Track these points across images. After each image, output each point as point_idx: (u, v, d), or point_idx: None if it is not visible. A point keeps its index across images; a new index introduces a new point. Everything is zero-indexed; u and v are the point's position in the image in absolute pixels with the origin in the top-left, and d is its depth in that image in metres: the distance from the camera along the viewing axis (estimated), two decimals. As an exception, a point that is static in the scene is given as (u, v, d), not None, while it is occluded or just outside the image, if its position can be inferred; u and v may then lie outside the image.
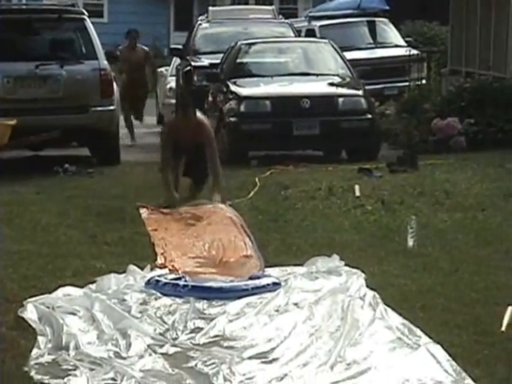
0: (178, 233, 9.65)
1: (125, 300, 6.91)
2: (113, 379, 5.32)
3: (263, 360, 5.61)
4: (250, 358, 5.71)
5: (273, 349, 5.83)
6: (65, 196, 11.97)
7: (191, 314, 6.57)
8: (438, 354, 5.39)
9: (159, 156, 11.65)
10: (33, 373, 5.44)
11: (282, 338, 5.98)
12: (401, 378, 5.24)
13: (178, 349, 5.96)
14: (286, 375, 5.26)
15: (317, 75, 15.51)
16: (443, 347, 5.39)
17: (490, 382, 5.12)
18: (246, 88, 14.94)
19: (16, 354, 5.83)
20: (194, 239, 9.29)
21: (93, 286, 7.47)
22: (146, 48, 19.53)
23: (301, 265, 8.01)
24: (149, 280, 7.40)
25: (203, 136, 10.44)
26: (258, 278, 7.44)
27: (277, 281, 7.30)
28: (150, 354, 5.77)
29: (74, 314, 6.55)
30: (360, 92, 15.02)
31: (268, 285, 7.16)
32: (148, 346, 5.90)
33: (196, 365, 5.45)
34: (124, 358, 5.78)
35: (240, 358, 5.61)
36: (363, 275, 7.44)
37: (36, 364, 5.62)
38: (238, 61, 16.15)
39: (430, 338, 5.68)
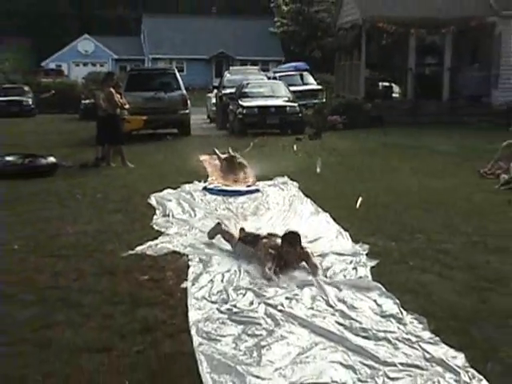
0: (218, 166, 15.13)
1: (192, 195, 11.79)
2: (188, 229, 9.58)
3: (254, 218, 10.33)
4: (249, 215, 10.49)
5: (261, 215, 10.55)
6: (169, 148, 19.85)
7: (221, 202, 11.41)
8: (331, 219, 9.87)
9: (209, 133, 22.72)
10: (154, 225, 9.86)
11: (263, 211, 10.88)
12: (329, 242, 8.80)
13: (218, 214, 10.49)
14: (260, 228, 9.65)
15: (277, 97, 26.35)
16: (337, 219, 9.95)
17: (359, 225, 9.45)
18: (246, 102, 25.15)
19: (146, 218, 10.27)
20: (227, 169, 14.60)
21: (179, 189, 12.27)
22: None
23: (271, 179, 13.42)
24: (204, 187, 12.47)
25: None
26: (250, 187, 12.65)
27: (260, 188, 12.50)
28: (206, 217, 10.28)
29: (171, 201, 11.27)
30: (296, 104, 25.62)
31: (256, 190, 12.38)
32: (204, 214, 10.55)
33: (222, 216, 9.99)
34: (193, 218, 10.32)
35: (243, 216, 10.36)
36: (297, 184, 12.65)
37: (155, 222, 9.98)
38: (242, 90, 26.82)
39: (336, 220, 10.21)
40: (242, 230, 8.81)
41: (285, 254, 7.66)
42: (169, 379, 5.11)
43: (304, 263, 7.74)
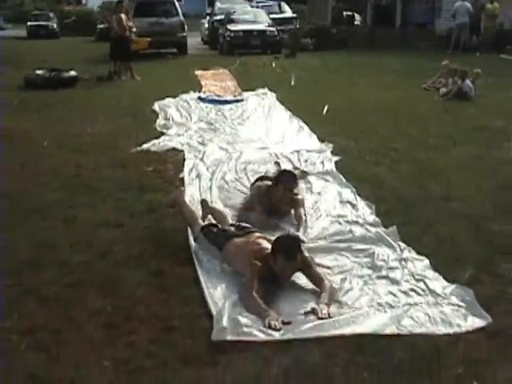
0: (210, 79, 14.81)
1: (188, 103, 11.60)
2: (185, 130, 9.48)
3: (240, 121, 10.27)
4: (233, 119, 10.29)
5: (246, 118, 10.49)
6: (169, 64, 19.30)
7: (213, 109, 11.24)
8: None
9: (203, 53, 21.70)
10: (157, 127, 9.75)
11: (247, 116, 10.74)
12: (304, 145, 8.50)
13: (210, 118, 10.38)
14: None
15: (259, 22, 25.31)
16: (308, 123, 9.81)
17: (325, 128, 9.45)
18: (233, 27, 24.53)
19: (150, 121, 10.18)
20: (218, 82, 14.46)
21: (178, 98, 12.12)
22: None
23: (253, 90, 13.26)
24: (199, 96, 12.24)
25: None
26: (236, 96, 12.45)
27: (243, 98, 12.23)
28: (200, 121, 10.19)
29: (171, 107, 11.16)
30: (274, 29, 24.81)
31: (241, 100, 12.16)
32: (198, 118, 10.42)
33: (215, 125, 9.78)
34: (189, 122, 10.21)
35: (231, 120, 10.21)
36: (275, 95, 12.54)
37: (158, 125, 9.86)
38: (230, 17, 26.08)
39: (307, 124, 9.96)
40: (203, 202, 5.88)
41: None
42: (169, 248, 5.20)
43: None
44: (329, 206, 6.20)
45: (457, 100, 12.33)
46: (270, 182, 5.95)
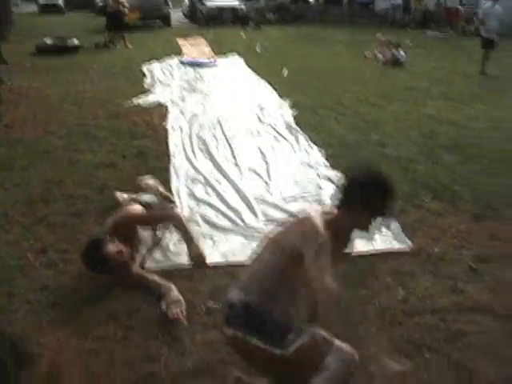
0: (189, 46, 14.31)
1: (171, 65, 11.23)
2: (169, 78, 9.55)
3: (214, 81, 9.95)
4: (208, 79, 10.02)
5: (219, 78, 10.09)
6: (156, 34, 18.03)
7: (191, 70, 10.78)
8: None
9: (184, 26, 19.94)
10: (145, 85, 9.41)
11: (221, 75, 10.40)
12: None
13: (188, 77, 10.06)
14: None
15: (231, 0, 23.19)
16: (271, 83, 9.68)
17: (285, 87, 9.46)
18: (209, 3, 22.70)
19: (140, 80, 9.85)
20: (195, 48, 13.99)
21: (162, 61, 11.70)
22: None
23: (225, 55, 12.92)
24: (180, 60, 11.80)
25: None
26: (210, 60, 11.90)
27: (216, 62, 11.81)
28: (181, 80, 9.77)
29: (156, 69, 10.80)
30: (244, 6, 23.10)
31: (215, 63, 11.80)
32: (179, 78, 10.02)
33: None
34: (172, 81, 9.95)
35: (204, 79, 9.97)
36: (243, 60, 12.22)
37: (146, 83, 9.54)
38: None
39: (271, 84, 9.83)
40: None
41: None
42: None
43: None
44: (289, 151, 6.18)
45: (391, 66, 12.31)
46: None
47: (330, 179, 5.25)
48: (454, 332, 3.19)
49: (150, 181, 4.57)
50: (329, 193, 4.88)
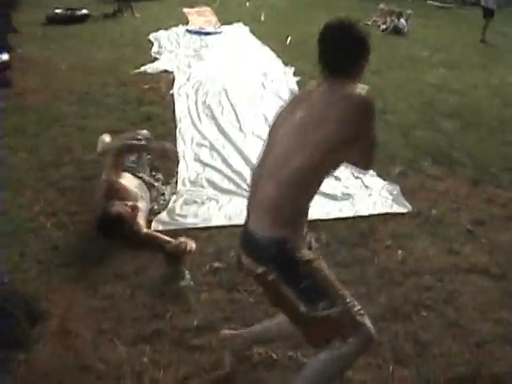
0: (195, 15, 13.73)
1: (177, 34, 10.78)
2: (175, 56, 8.95)
3: (219, 49, 9.64)
4: (214, 47, 9.72)
5: (225, 46, 9.74)
6: (163, 4, 16.36)
7: (198, 39, 10.42)
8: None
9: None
10: (152, 54, 9.13)
11: (226, 43, 10.04)
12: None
13: (195, 46, 9.79)
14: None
15: None
16: (275, 51, 9.37)
17: (289, 55, 8.99)
18: None
19: (147, 49, 9.55)
20: (201, 17, 13.41)
21: (169, 30, 11.33)
22: None
23: (230, 24, 12.33)
24: (186, 29, 11.35)
25: None
26: (216, 29, 11.67)
27: (222, 30, 11.45)
28: (187, 48, 9.58)
29: (163, 38, 10.44)
30: None
31: (220, 31, 11.40)
32: (185, 46, 9.78)
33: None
34: (178, 49, 9.71)
35: (210, 48, 9.67)
36: (248, 28, 11.81)
37: (153, 51, 9.27)
38: None
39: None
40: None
41: None
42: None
43: None
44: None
45: (393, 35, 12.04)
46: None
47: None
48: (451, 292, 3.17)
49: (107, 138, 4.58)
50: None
